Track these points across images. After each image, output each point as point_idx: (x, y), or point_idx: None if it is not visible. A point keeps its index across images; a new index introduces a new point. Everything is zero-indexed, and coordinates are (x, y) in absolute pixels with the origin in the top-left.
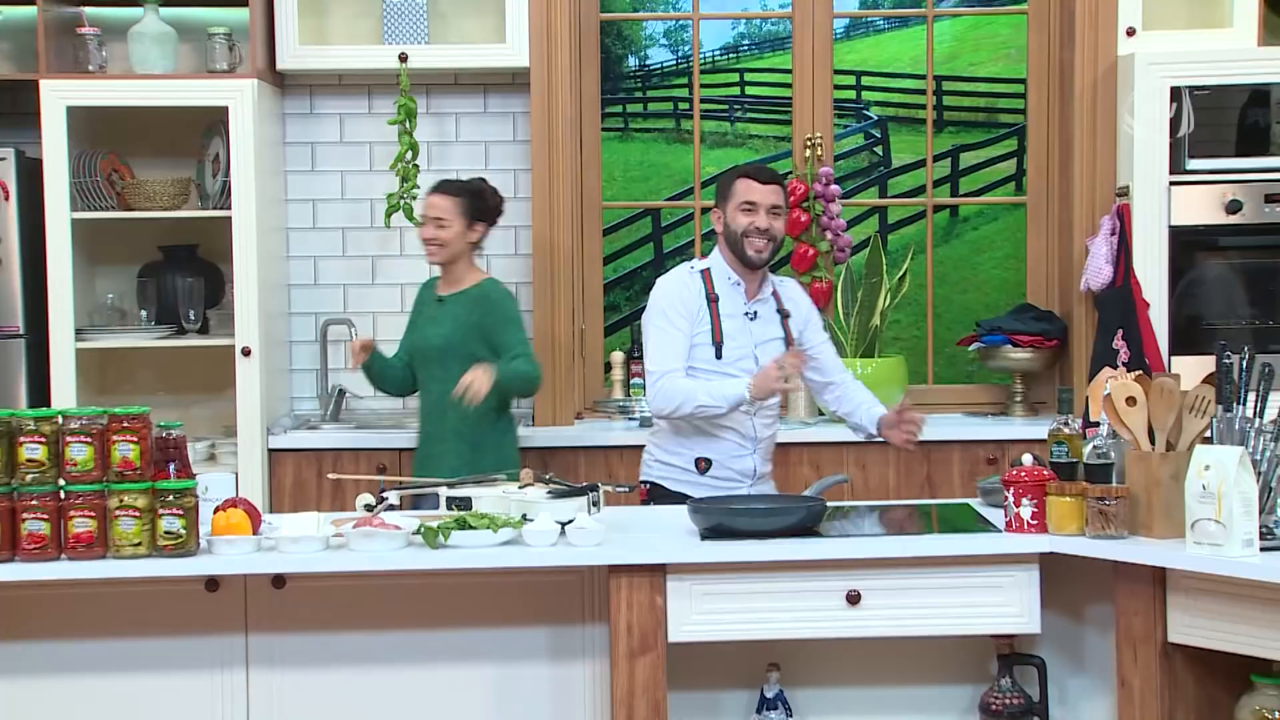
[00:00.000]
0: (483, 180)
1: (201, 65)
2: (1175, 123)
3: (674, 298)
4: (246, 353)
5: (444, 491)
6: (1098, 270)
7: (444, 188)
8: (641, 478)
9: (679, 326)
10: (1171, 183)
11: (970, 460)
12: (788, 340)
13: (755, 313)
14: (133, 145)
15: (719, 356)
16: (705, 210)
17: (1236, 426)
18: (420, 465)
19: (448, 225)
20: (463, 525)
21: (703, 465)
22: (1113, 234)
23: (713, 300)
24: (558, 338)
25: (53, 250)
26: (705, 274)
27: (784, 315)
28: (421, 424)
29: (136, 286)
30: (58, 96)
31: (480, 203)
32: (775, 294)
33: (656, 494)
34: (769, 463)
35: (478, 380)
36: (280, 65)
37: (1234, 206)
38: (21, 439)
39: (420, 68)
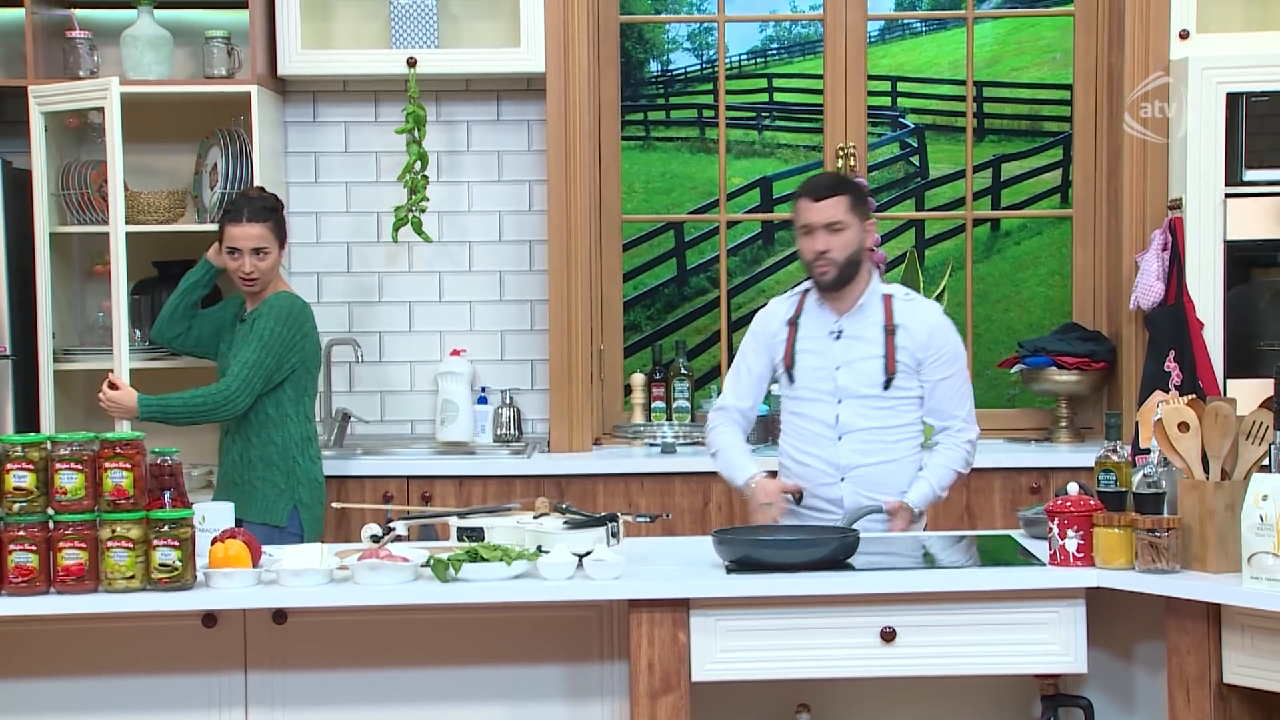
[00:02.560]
0: (262, 189)
1: (199, 70)
2: (1231, 131)
3: (755, 327)
4: None
5: (455, 522)
6: (1148, 288)
7: (253, 214)
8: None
9: (749, 361)
10: (1227, 195)
11: (1012, 489)
12: (888, 358)
13: (841, 331)
14: (126, 155)
15: (792, 381)
16: (731, 224)
17: None
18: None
19: (268, 254)
20: (474, 557)
21: (797, 495)
22: (1164, 249)
23: (793, 323)
24: (575, 358)
25: (43, 267)
26: (802, 295)
27: (889, 331)
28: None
29: (129, 304)
30: (47, 104)
31: (282, 219)
32: (888, 306)
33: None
34: (876, 497)
35: (113, 397)
36: (282, 70)
37: None
38: (8, 466)
39: (430, 73)
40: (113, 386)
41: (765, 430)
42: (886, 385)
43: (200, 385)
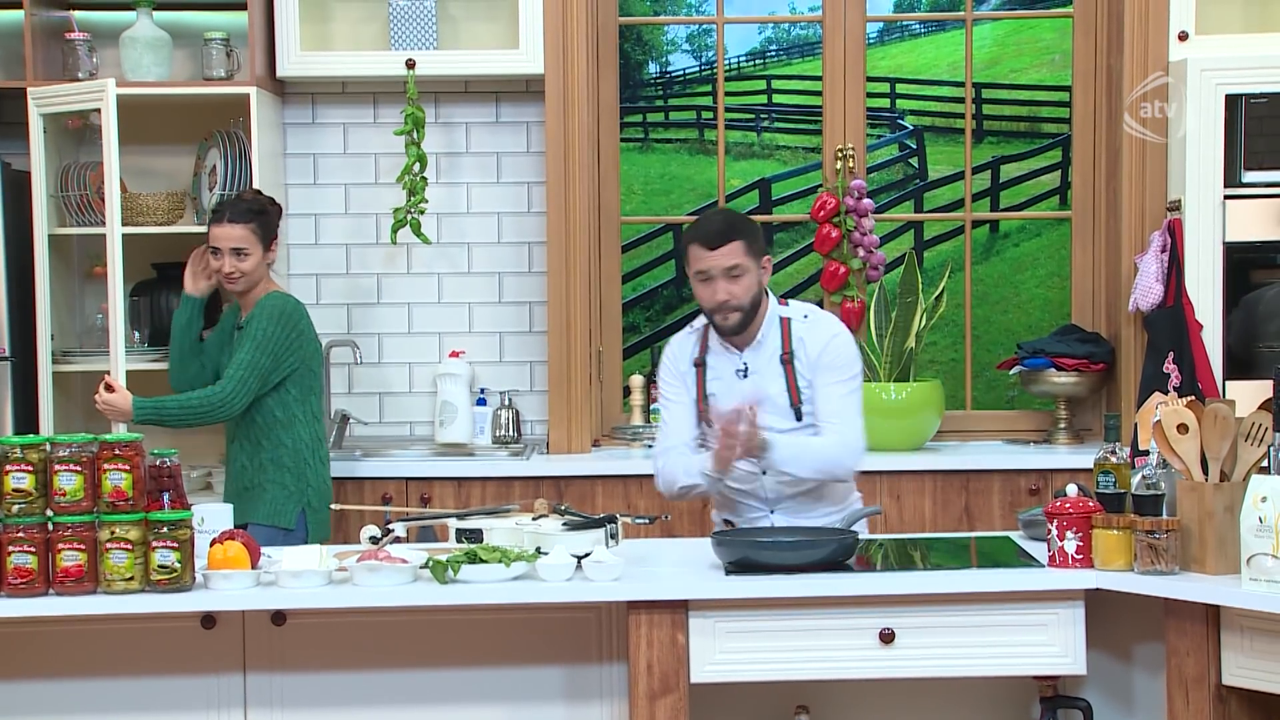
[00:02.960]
0: (258, 192)
1: (197, 72)
2: (1230, 132)
3: (668, 368)
4: None
5: (454, 523)
6: (1147, 289)
7: (234, 215)
8: None
9: (675, 397)
10: (1226, 196)
11: (1011, 491)
12: (791, 389)
13: (746, 368)
14: (125, 157)
15: (710, 425)
16: None
17: None
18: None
19: (249, 255)
20: (473, 559)
21: (729, 527)
22: (1163, 251)
23: (699, 365)
24: (574, 360)
25: (41, 268)
26: (704, 333)
27: (786, 360)
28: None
29: (128, 306)
30: (45, 105)
31: (269, 221)
32: (786, 331)
33: None
34: (826, 515)
35: (109, 400)
36: (281, 72)
37: None
38: (7, 467)
39: (429, 75)
40: (109, 389)
41: None
42: (798, 416)
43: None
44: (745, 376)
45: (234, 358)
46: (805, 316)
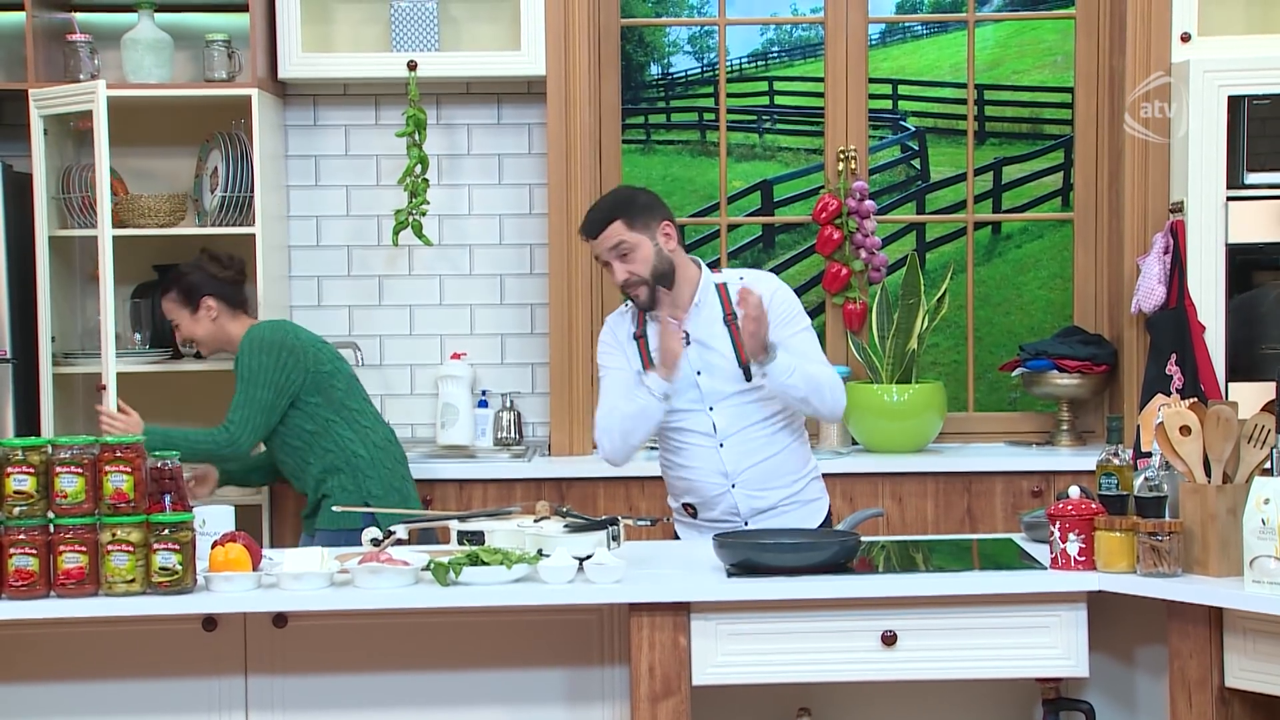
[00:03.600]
0: (201, 253)
1: (199, 74)
2: (1233, 134)
3: (607, 344)
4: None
5: (455, 525)
6: (1150, 291)
7: (161, 292)
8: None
9: (614, 364)
10: (1229, 198)
11: (1013, 493)
12: (736, 347)
13: (688, 334)
14: (126, 158)
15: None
16: (732, 227)
17: None
18: None
19: (179, 324)
20: (475, 561)
21: (690, 510)
22: (1166, 252)
23: (640, 338)
24: (576, 362)
25: (42, 270)
26: (639, 309)
27: (730, 320)
28: None
29: (129, 308)
30: (45, 107)
31: (189, 285)
32: (724, 294)
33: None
34: (787, 495)
35: (116, 423)
36: (282, 74)
37: None
38: (8, 470)
39: (430, 76)
40: (121, 410)
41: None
42: (747, 376)
43: (193, 387)
44: (689, 344)
45: (232, 399)
46: (741, 279)
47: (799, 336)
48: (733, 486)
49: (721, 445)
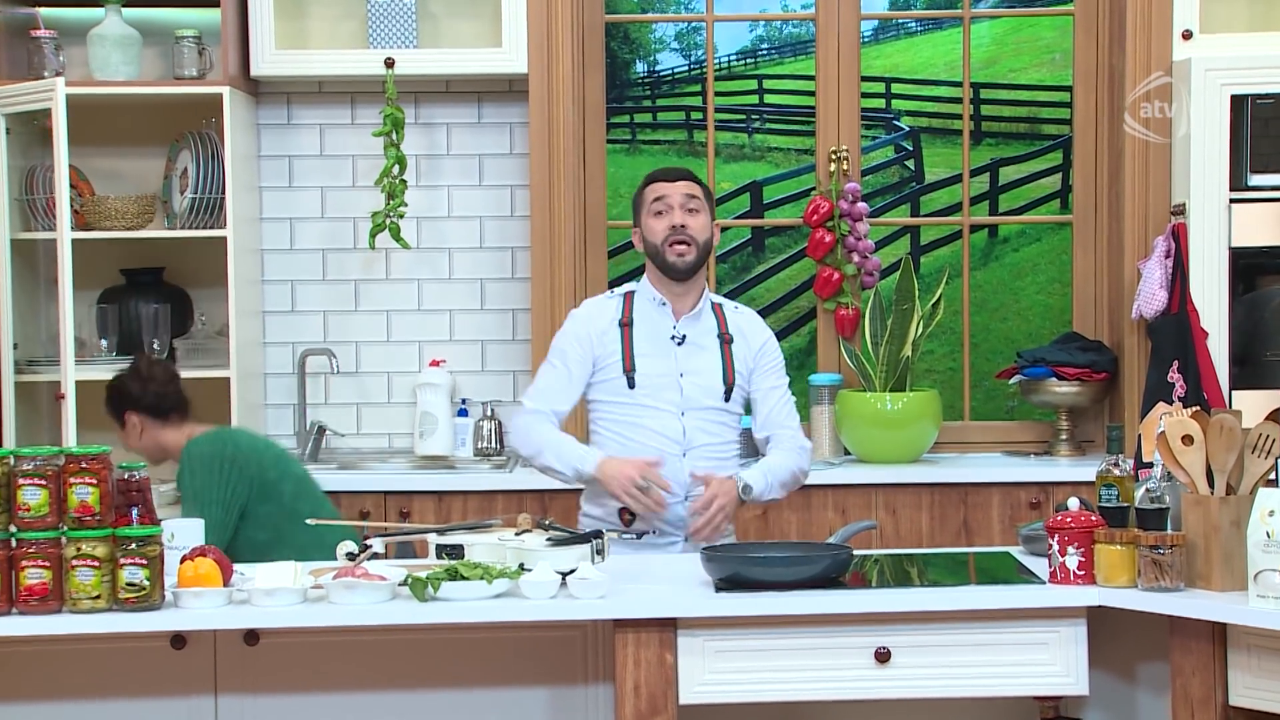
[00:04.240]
0: (135, 361)
1: (168, 71)
2: (1236, 134)
3: (574, 331)
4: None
5: (434, 538)
6: (1151, 296)
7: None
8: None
9: (569, 365)
10: (1232, 200)
11: (1011, 504)
12: (726, 367)
13: (684, 336)
14: (93, 158)
15: (631, 386)
16: (721, 229)
17: None
18: None
19: (124, 435)
20: (454, 575)
21: (627, 517)
22: (1167, 256)
23: (626, 325)
24: None
25: (3, 275)
26: (628, 297)
27: (726, 340)
28: None
29: (96, 313)
30: (4, 106)
31: (111, 398)
32: (720, 314)
33: None
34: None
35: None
36: (255, 71)
37: None
38: None
39: (408, 74)
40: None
41: (753, 447)
42: (727, 396)
43: None
44: (682, 344)
45: None
46: (735, 308)
47: (776, 392)
48: (685, 499)
49: (684, 455)
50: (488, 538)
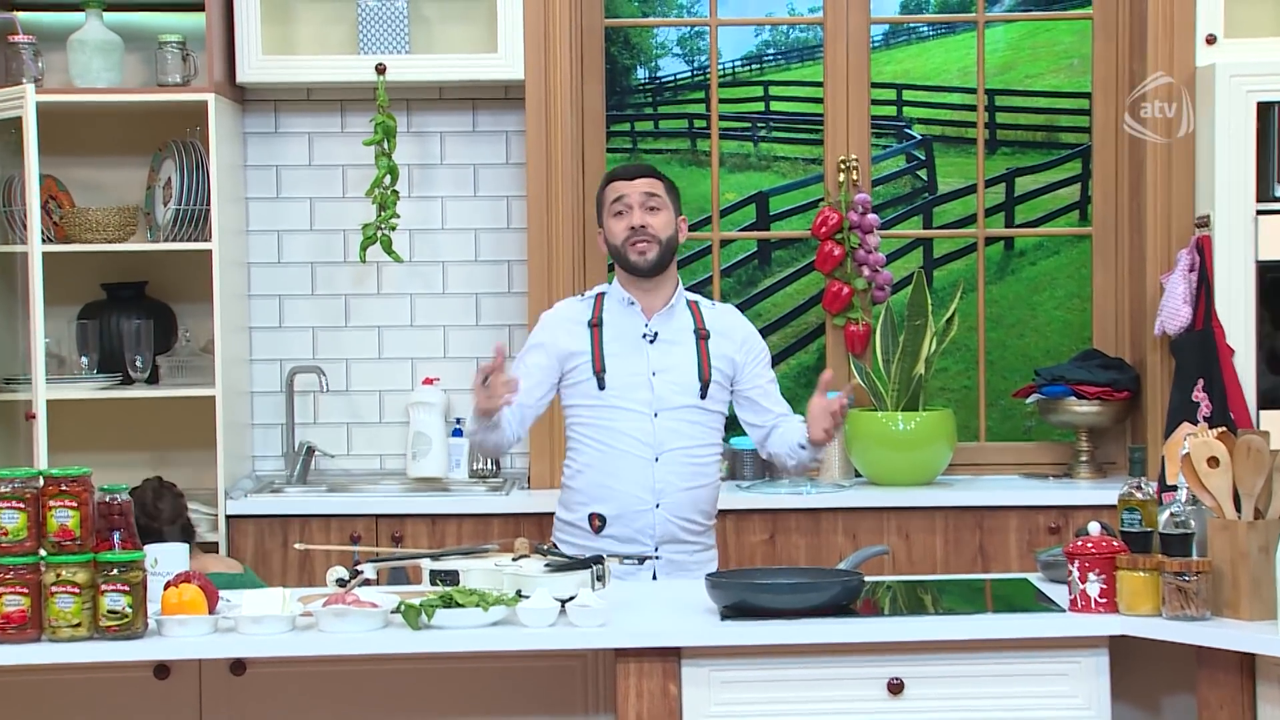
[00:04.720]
0: (142, 487)
1: (151, 78)
2: (1263, 143)
3: (545, 330)
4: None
5: (427, 564)
6: (1174, 311)
7: None
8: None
9: (526, 361)
10: (1259, 211)
11: (1029, 529)
12: (703, 362)
13: (656, 334)
14: (73, 168)
15: (601, 387)
16: (725, 243)
17: None
18: None
19: None
20: (449, 603)
21: (596, 523)
22: (1191, 270)
23: (595, 326)
24: None
25: None
26: (599, 298)
27: (702, 335)
28: None
29: (75, 329)
30: None
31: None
32: (696, 311)
33: None
34: (695, 532)
35: None
36: (241, 78)
37: None
38: None
39: (400, 80)
40: None
41: (762, 467)
42: (703, 393)
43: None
44: (654, 343)
45: None
46: (711, 305)
47: (773, 385)
48: (657, 506)
49: (657, 459)
50: (484, 563)
